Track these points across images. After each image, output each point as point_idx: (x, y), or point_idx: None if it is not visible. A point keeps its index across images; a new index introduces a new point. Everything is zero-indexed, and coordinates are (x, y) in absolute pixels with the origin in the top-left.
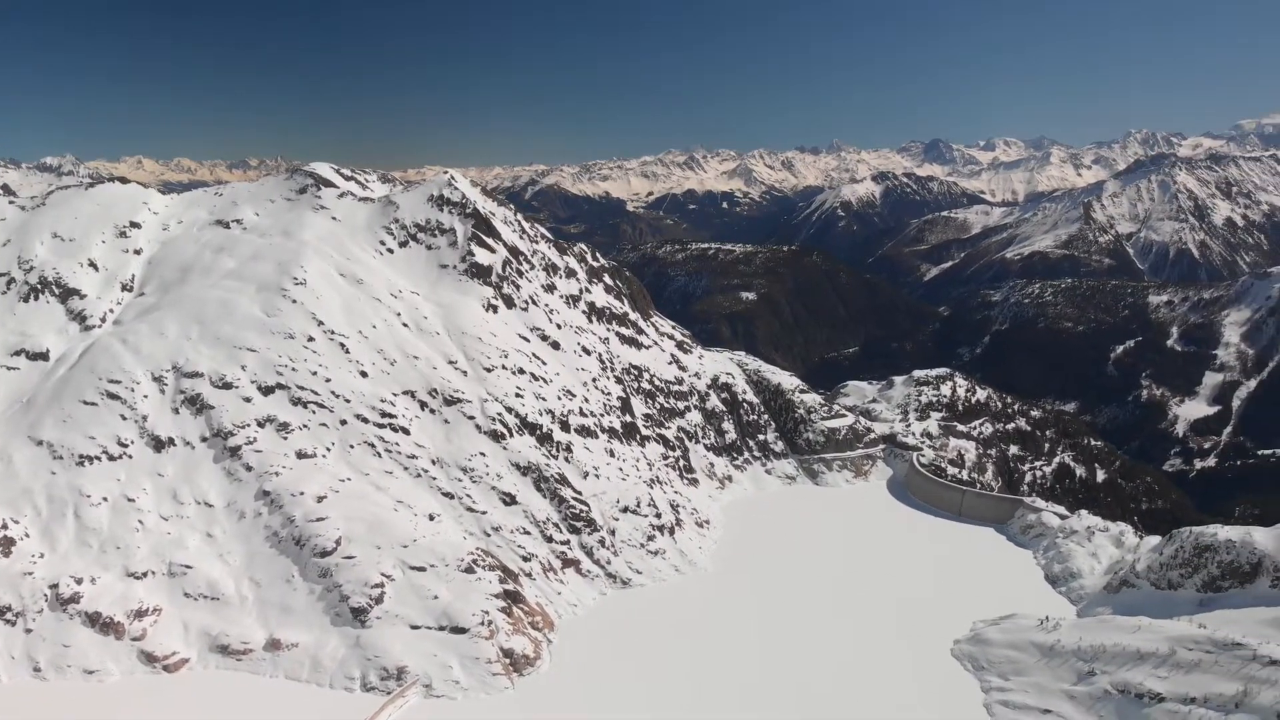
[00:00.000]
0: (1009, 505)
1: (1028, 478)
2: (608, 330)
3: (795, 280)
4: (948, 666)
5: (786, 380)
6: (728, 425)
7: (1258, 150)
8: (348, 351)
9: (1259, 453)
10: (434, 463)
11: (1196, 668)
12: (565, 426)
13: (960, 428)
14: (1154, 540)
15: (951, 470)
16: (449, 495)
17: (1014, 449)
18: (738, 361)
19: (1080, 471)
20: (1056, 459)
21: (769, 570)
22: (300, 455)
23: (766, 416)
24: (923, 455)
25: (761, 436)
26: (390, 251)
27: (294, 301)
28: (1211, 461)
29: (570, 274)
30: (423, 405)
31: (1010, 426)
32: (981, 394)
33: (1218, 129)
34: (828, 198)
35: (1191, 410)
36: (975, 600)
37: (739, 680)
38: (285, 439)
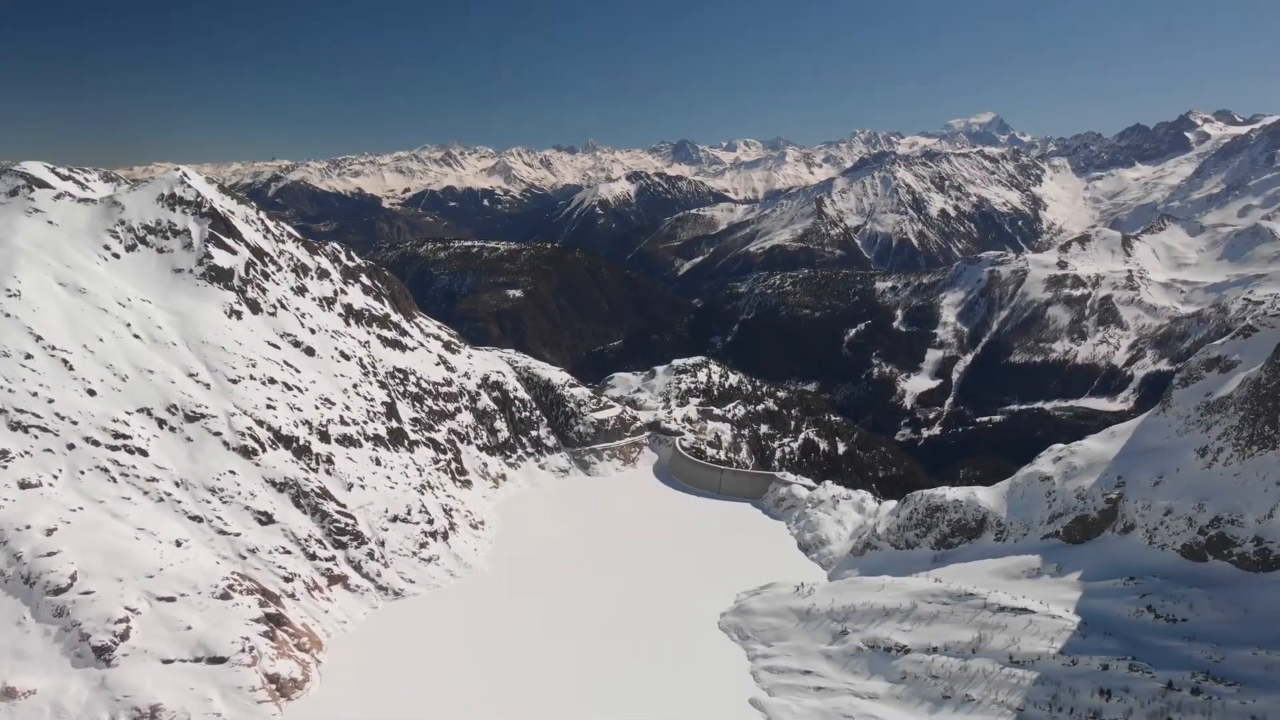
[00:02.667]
0: (763, 481)
1: (778, 454)
2: (368, 333)
3: (560, 277)
4: (716, 639)
5: (556, 375)
6: (500, 424)
7: (966, 147)
8: (71, 368)
9: (977, 419)
10: (178, 485)
11: (936, 619)
12: (325, 437)
13: (717, 411)
14: (891, 504)
15: (711, 451)
16: (197, 519)
17: (764, 428)
18: (508, 359)
19: (824, 445)
20: (802, 435)
21: (544, 564)
22: (23, 485)
23: (538, 412)
24: (684, 439)
25: (534, 432)
26: (116, 256)
27: (6, 315)
28: (937, 430)
29: (323, 275)
30: (161, 423)
31: (760, 407)
32: (734, 379)
33: (931, 128)
34: (586, 196)
35: (917, 384)
36: (738, 573)
37: (517, 677)
38: (5, 468)
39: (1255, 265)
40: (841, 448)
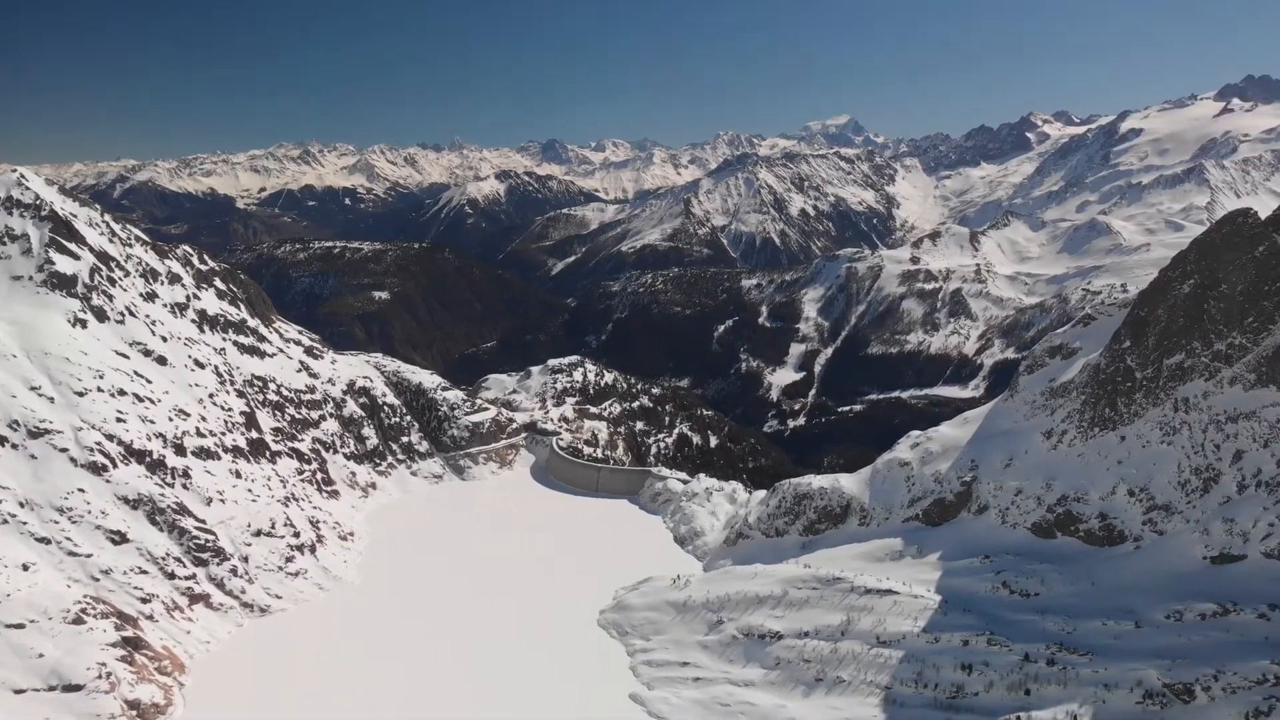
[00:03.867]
0: (639, 477)
1: (653, 449)
2: (223, 340)
3: (429, 278)
4: (596, 636)
5: (427, 379)
6: (368, 431)
7: (824, 148)
8: None
9: (839, 409)
10: (22, 505)
11: (807, 604)
12: (180, 450)
13: (593, 410)
14: (761, 494)
15: (588, 450)
16: (45, 540)
17: (640, 425)
18: (375, 364)
19: (696, 439)
20: (676, 430)
21: (419, 572)
22: None
23: (409, 418)
24: (561, 439)
25: (405, 438)
26: None
27: None
28: (802, 420)
29: (174, 279)
30: (2, 440)
31: (636, 405)
32: (609, 377)
33: (791, 130)
34: (454, 195)
35: (783, 377)
36: (616, 570)
37: (395, 688)
38: None
39: (1093, 258)
40: (714, 441)
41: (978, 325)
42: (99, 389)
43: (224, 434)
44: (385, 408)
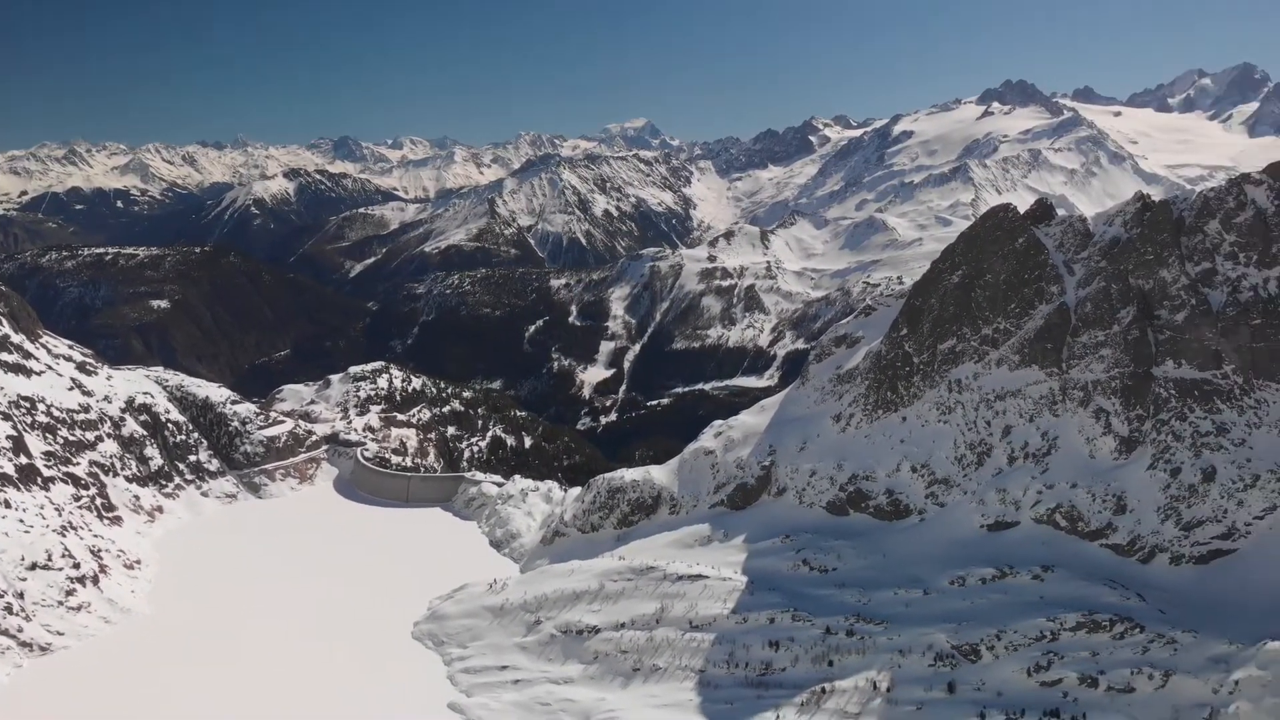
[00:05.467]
0: (452, 483)
1: (466, 454)
2: None
3: (214, 284)
4: (411, 649)
5: (215, 392)
6: (152, 451)
7: (624, 151)
8: None
9: (648, 404)
10: None
11: (622, 596)
12: None
13: (400, 417)
14: (576, 491)
15: (396, 459)
16: None
17: (452, 430)
18: (156, 378)
19: (511, 441)
20: (490, 433)
21: (216, 598)
22: None
23: (197, 435)
24: (367, 449)
25: (193, 457)
26: None
27: None
28: (614, 416)
29: None
30: None
31: (446, 409)
32: (417, 382)
33: (591, 132)
34: (239, 195)
35: (594, 375)
36: (431, 580)
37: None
38: None
39: (871, 253)
40: (528, 442)
41: (771, 319)
42: None
43: None
44: (170, 425)
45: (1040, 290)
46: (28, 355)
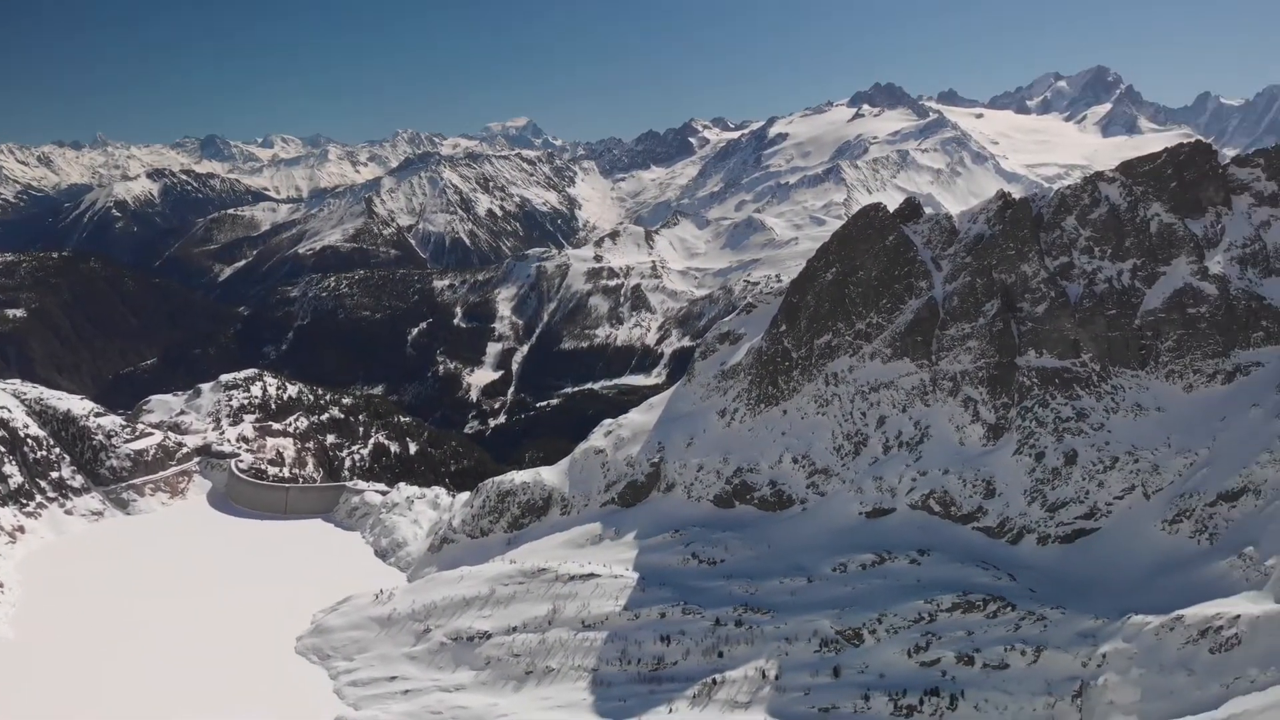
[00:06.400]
0: (333, 493)
1: (347, 463)
2: None
3: (73, 291)
4: (294, 665)
5: (77, 405)
6: (10, 468)
7: (505, 150)
8: None
9: (537, 405)
10: None
11: (514, 599)
12: None
13: (276, 426)
14: (465, 496)
15: (273, 470)
16: None
17: (331, 438)
18: (13, 391)
19: (395, 448)
20: (372, 440)
21: (85, 621)
22: None
23: (58, 450)
24: (241, 461)
25: (55, 474)
26: None
27: None
28: (502, 419)
29: None
30: None
31: (325, 417)
32: (293, 390)
33: (472, 131)
34: (99, 197)
35: (481, 377)
36: (313, 593)
37: None
38: None
39: (751, 252)
40: (413, 448)
41: (657, 317)
42: None
43: None
44: (29, 441)
45: (910, 286)
46: None
